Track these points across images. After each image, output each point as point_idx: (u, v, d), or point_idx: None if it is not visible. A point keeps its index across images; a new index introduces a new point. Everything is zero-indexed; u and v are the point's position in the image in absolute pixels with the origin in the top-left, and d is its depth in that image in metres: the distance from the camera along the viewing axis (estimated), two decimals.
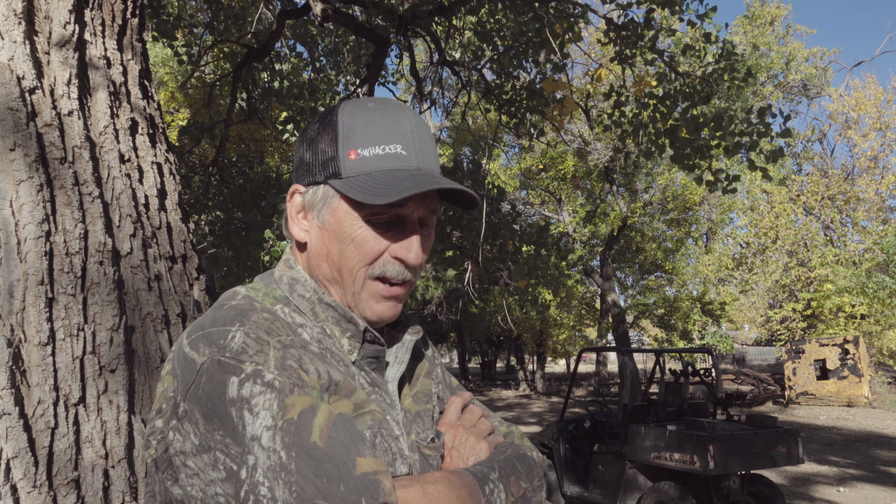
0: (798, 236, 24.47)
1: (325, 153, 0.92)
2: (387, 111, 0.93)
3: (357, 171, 0.90)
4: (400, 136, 0.91)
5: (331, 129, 0.92)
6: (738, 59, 5.11)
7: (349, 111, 0.92)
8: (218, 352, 0.81)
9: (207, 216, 5.87)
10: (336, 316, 0.95)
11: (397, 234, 0.92)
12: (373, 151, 0.90)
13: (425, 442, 1.00)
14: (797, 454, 6.52)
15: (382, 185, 0.87)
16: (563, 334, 26.42)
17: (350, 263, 0.91)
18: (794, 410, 18.09)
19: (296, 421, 0.76)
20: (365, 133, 0.90)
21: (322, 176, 0.92)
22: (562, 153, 19.33)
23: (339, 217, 0.91)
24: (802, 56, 26.54)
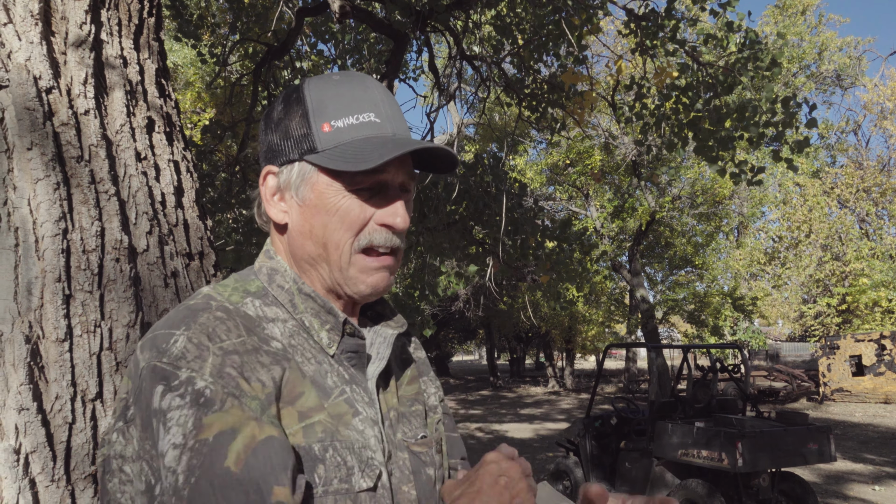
0: (832, 230, 24.01)
1: (296, 130, 0.90)
2: (354, 81, 0.92)
3: (333, 142, 0.88)
4: (371, 104, 0.91)
5: (299, 106, 0.91)
6: (762, 47, 5.00)
7: (316, 85, 0.91)
8: (156, 356, 0.79)
9: (231, 214, 5.94)
10: (315, 307, 0.92)
11: (381, 200, 0.91)
12: (347, 122, 0.89)
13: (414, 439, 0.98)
14: (829, 451, 6.40)
15: (363, 151, 0.86)
16: (592, 330, 26.26)
17: (336, 236, 0.89)
18: (829, 407, 17.76)
19: (210, 443, 0.72)
20: (336, 104, 0.89)
21: (296, 153, 0.90)
22: (589, 148, 19.18)
23: (320, 190, 0.89)
24: (836, 45, 25.99)
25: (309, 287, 0.93)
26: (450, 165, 0.95)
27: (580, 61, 5.55)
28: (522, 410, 19.70)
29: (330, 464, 0.83)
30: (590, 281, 15.38)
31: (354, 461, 0.85)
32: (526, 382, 31.85)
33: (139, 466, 0.77)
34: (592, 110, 12.55)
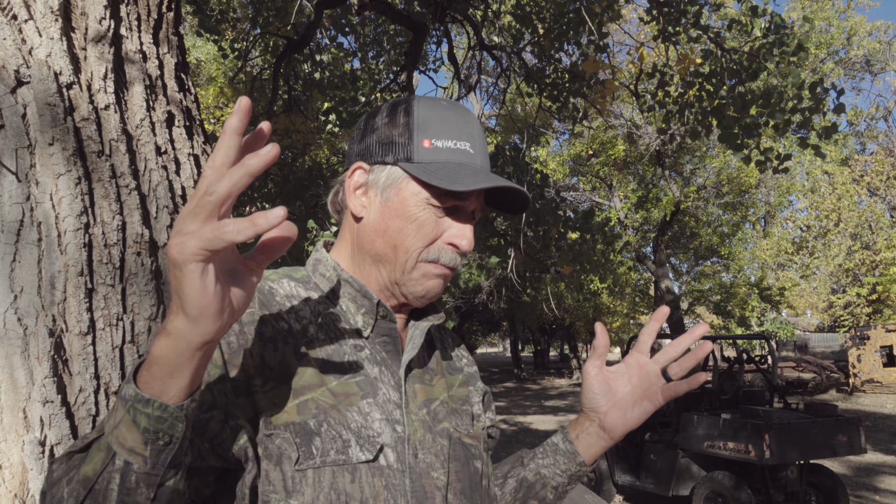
0: (862, 218, 23.58)
1: (397, 138, 0.97)
2: (459, 111, 1.00)
3: (429, 158, 0.95)
4: (469, 135, 0.98)
5: (405, 118, 0.97)
6: (788, 32, 4.90)
7: (425, 104, 0.98)
8: None
9: (253, 208, 5.97)
10: (352, 292, 0.99)
11: (453, 221, 0.98)
12: (445, 144, 0.96)
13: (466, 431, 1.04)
14: (859, 443, 6.30)
15: (457, 174, 0.92)
16: (617, 322, 26.11)
17: (408, 242, 0.96)
18: (859, 398, 17.49)
19: None
20: (439, 126, 0.97)
21: (392, 158, 0.96)
22: (612, 138, 19.02)
23: (405, 197, 0.95)
24: (865, 30, 25.44)
25: (347, 273, 1.00)
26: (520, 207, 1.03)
27: (601, 49, 5.48)
28: (547, 402, 19.66)
29: (326, 437, 0.87)
30: (613, 272, 15.28)
31: (351, 436, 0.88)
32: (550, 374, 31.78)
33: None
34: (614, 99, 12.41)
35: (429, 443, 0.96)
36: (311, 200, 5.58)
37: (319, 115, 7.22)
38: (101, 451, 0.71)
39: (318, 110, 7.53)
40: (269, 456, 0.85)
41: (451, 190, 0.91)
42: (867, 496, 7.65)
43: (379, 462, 0.89)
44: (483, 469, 1.05)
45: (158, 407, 0.69)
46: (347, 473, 0.86)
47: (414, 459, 0.93)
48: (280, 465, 0.85)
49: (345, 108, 6.23)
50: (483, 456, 1.06)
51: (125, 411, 0.69)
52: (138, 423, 0.69)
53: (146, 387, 0.70)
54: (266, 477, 0.85)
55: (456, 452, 1.00)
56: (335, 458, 0.86)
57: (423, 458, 0.94)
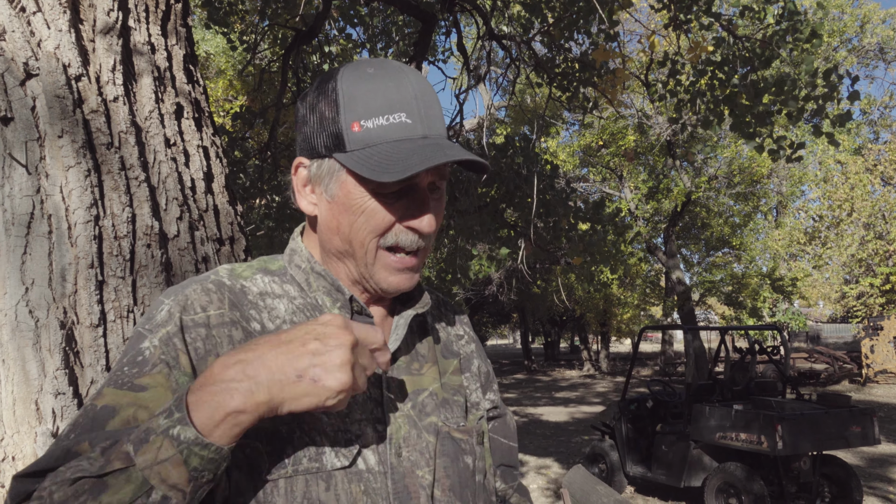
0: (875, 208, 23.36)
1: (327, 125, 0.89)
2: (388, 77, 0.89)
3: (361, 143, 0.87)
4: (403, 103, 0.88)
5: (331, 100, 0.89)
6: (801, 18, 4.84)
7: (349, 78, 0.89)
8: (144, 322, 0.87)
9: (263, 200, 5.97)
10: (326, 285, 0.95)
11: (408, 202, 0.90)
12: (376, 122, 0.87)
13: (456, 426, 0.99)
14: (873, 434, 6.26)
15: (389, 159, 0.84)
16: (628, 313, 26.04)
17: (361, 235, 0.90)
18: (872, 389, 17.39)
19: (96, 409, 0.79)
20: (367, 103, 0.87)
21: (326, 149, 0.90)
22: (622, 128, 18.92)
23: (348, 190, 0.89)
24: (878, 18, 25.14)
25: (320, 266, 0.96)
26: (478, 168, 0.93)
27: (612, 38, 5.43)
28: (557, 394, 19.66)
29: (298, 443, 0.84)
30: (624, 263, 15.21)
31: (325, 441, 0.85)
32: (560, 366, 31.77)
33: None
34: (625, 88, 12.33)
35: (413, 439, 0.93)
36: None
37: None
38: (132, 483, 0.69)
39: None
40: (238, 466, 0.82)
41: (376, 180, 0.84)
42: (881, 487, 7.60)
43: (357, 467, 0.86)
44: (476, 464, 1.00)
45: (215, 451, 0.71)
46: (322, 482, 0.83)
47: (397, 459, 0.90)
48: (250, 475, 0.82)
49: None
50: (476, 450, 1.01)
51: (176, 451, 0.69)
52: (189, 462, 0.70)
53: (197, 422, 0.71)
54: (237, 488, 0.82)
55: (444, 448, 0.95)
56: (308, 465, 0.83)
57: (406, 457, 0.91)
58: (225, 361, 0.73)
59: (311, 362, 0.73)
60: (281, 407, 0.73)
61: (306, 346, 0.73)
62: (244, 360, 0.73)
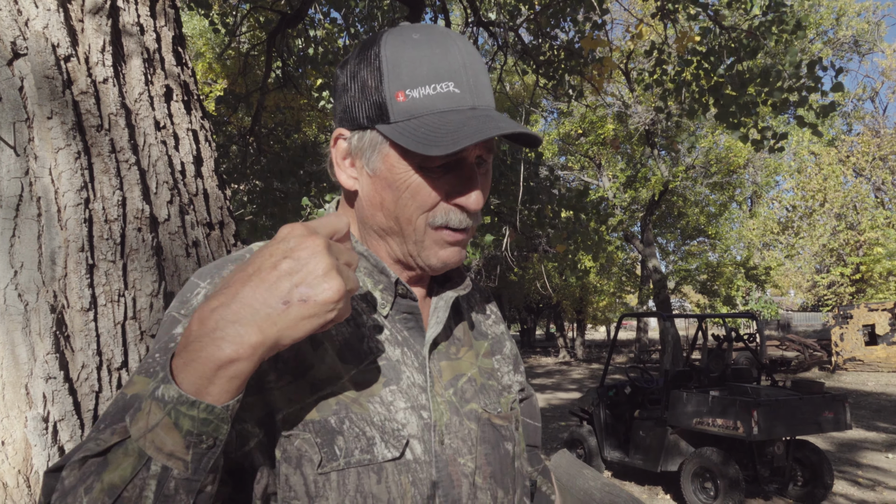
0: (847, 198, 23.78)
1: (369, 95, 0.84)
2: (435, 43, 0.84)
3: (407, 114, 0.82)
4: (451, 71, 0.83)
5: (374, 67, 0.83)
6: (787, 10, 4.89)
7: (393, 44, 0.83)
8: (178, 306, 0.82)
9: (246, 185, 5.92)
10: (369, 267, 0.90)
11: (455, 178, 0.85)
12: (423, 92, 0.81)
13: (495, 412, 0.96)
14: (844, 420, 6.40)
15: (437, 131, 0.79)
16: (604, 301, 26.27)
17: (408, 212, 0.85)
18: (841, 376, 17.76)
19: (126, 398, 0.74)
20: (413, 71, 0.82)
21: (368, 120, 0.84)
22: (601, 117, 19.00)
23: (391, 164, 0.84)
24: (854, 10, 25.47)
25: (362, 246, 0.90)
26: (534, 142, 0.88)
27: (599, 27, 5.44)
28: (534, 380, 19.81)
29: (349, 435, 0.80)
30: (605, 251, 15.33)
31: (375, 432, 0.81)
32: (537, 353, 32.00)
33: None
34: (611, 77, 12.36)
35: (455, 426, 0.89)
36: (306, 177, 5.53)
37: (313, 91, 7.14)
38: (130, 457, 0.64)
39: (311, 86, 7.44)
40: (287, 459, 0.78)
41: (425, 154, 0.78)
42: (850, 471, 7.79)
43: (405, 457, 0.82)
44: (515, 450, 0.97)
45: (205, 409, 0.64)
46: (373, 474, 0.80)
47: (440, 447, 0.86)
48: (300, 468, 0.78)
49: None
50: (515, 436, 0.98)
51: (164, 413, 0.64)
52: (180, 425, 0.64)
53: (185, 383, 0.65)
54: (286, 482, 0.78)
55: (486, 435, 0.92)
56: (360, 458, 0.79)
57: (449, 444, 0.87)
58: (201, 313, 0.66)
59: (291, 283, 0.66)
60: (280, 341, 0.66)
61: (278, 269, 0.66)
62: (220, 304, 0.66)
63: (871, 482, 7.31)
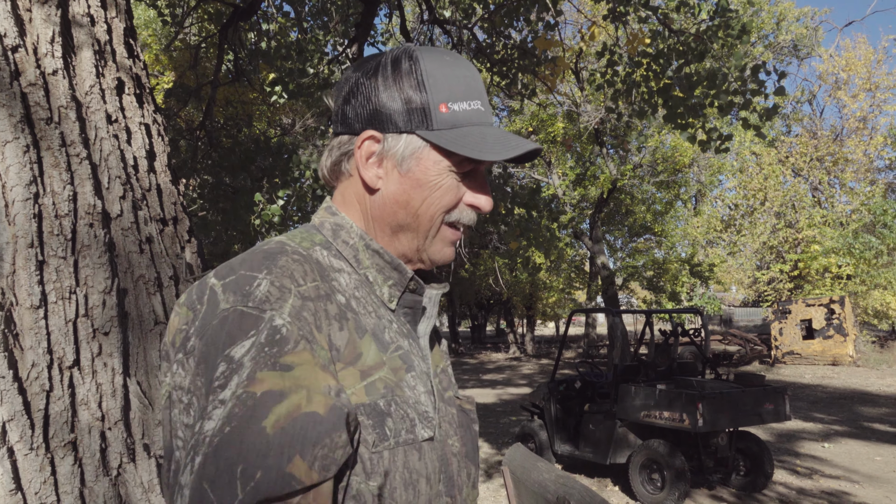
0: (786, 198, 24.58)
1: (410, 102, 0.93)
2: (463, 65, 0.97)
3: (448, 124, 0.92)
4: (478, 91, 0.96)
5: (415, 79, 0.93)
6: (733, 15, 5.04)
7: (431, 61, 0.94)
8: (242, 300, 0.79)
9: (195, 180, 5.80)
10: (381, 263, 0.96)
11: (472, 183, 0.97)
12: (461, 106, 0.93)
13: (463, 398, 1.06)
14: (784, 411, 6.64)
15: (484, 141, 0.92)
16: (553, 297, 26.60)
17: (432, 210, 0.94)
18: (780, 369, 18.38)
19: (257, 397, 0.73)
20: (451, 86, 0.93)
21: (407, 125, 0.93)
22: (552, 116, 19.21)
23: (427, 166, 0.93)
24: (793, 16, 26.33)
25: (377, 244, 0.97)
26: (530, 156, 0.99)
27: (551, 27, 5.51)
28: (485, 376, 19.94)
29: (396, 416, 0.86)
30: (557, 247, 15.53)
31: (414, 414, 0.89)
32: (487, 349, 32.21)
33: (189, 399, 0.78)
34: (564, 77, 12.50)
35: (443, 411, 0.98)
36: (257, 173, 5.45)
37: (265, 85, 7.04)
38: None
39: (263, 81, 7.33)
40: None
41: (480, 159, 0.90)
42: (789, 460, 8.08)
43: (436, 438, 0.91)
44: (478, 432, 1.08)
45: None
46: (415, 452, 0.87)
47: (439, 429, 0.95)
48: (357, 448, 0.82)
49: (292, 80, 6.09)
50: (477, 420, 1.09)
51: None
52: None
53: None
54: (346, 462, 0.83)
55: (461, 419, 1.03)
56: (406, 437, 0.86)
57: (443, 427, 0.96)
58: None
59: None
60: None
61: None
62: None
63: (808, 471, 7.60)
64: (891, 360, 18.82)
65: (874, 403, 12.39)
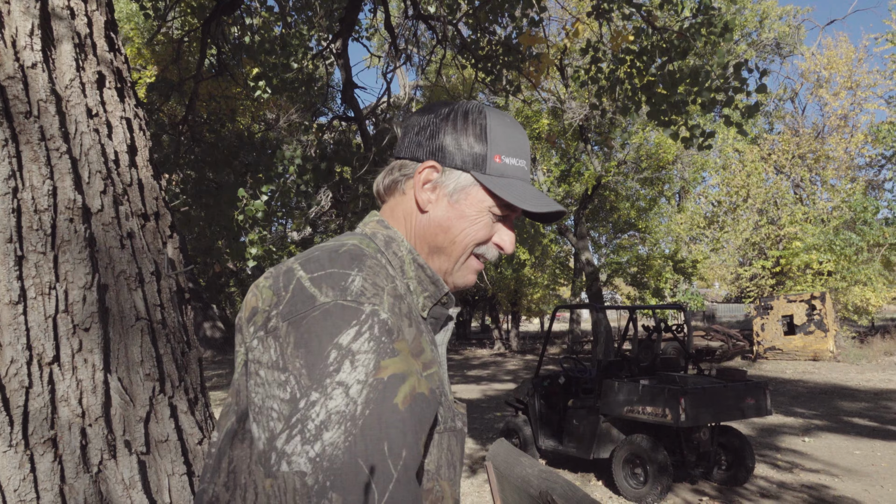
0: (768, 195, 24.80)
1: (472, 147, 1.08)
2: (519, 129, 1.14)
3: (499, 172, 1.09)
4: (526, 153, 1.14)
5: (480, 130, 1.09)
6: (716, 13, 5.07)
7: (496, 119, 1.10)
8: (340, 295, 0.90)
9: (178, 175, 5.74)
10: (423, 276, 1.08)
11: (502, 226, 1.13)
12: (511, 161, 1.10)
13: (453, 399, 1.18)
14: (765, 406, 6.70)
15: (525, 193, 1.09)
16: (538, 293, 26.65)
17: (467, 240, 1.09)
18: (762, 365, 18.55)
19: (384, 381, 0.85)
20: (507, 143, 1.10)
21: (465, 164, 1.08)
22: (536, 112, 19.24)
23: (472, 202, 1.08)
24: (776, 14, 26.53)
25: (423, 259, 1.10)
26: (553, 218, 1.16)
27: (536, 23, 5.51)
28: (469, 372, 19.97)
29: (445, 406, 1.01)
30: (541, 244, 15.58)
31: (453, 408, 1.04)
32: (472, 345, 32.25)
33: (283, 377, 0.87)
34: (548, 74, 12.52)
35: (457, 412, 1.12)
36: (241, 168, 5.40)
37: (249, 80, 6.98)
38: None
39: (247, 75, 7.27)
40: None
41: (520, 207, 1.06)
42: (770, 454, 8.17)
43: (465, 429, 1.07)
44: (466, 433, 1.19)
45: None
46: (454, 438, 1.02)
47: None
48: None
49: (275, 75, 6.04)
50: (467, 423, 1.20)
51: None
52: None
53: None
54: None
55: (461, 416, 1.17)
56: (451, 425, 1.01)
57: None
58: None
59: None
60: None
61: None
62: None
63: (789, 465, 7.69)
64: (870, 355, 19.07)
65: (854, 398, 12.55)
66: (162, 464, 1.90)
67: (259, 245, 5.75)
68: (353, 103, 6.99)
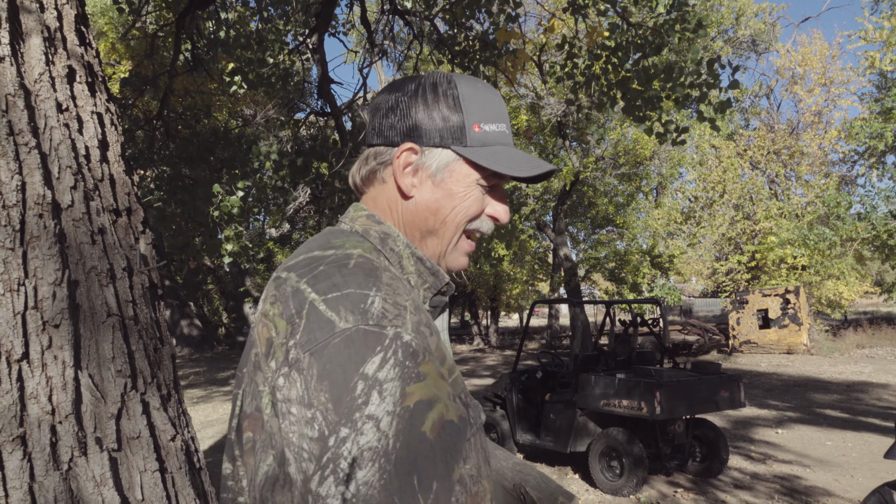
0: (744, 190, 25.08)
1: (447, 120, 1.03)
2: (493, 92, 1.08)
3: (479, 142, 1.03)
4: (503, 116, 1.07)
5: (453, 100, 1.03)
6: (689, 10, 5.12)
7: (467, 86, 1.05)
8: (362, 319, 0.84)
9: (153, 171, 5.68)
10: (422, 269, 1.04)
11: (493, 195, 1.08)
12: (490, 128, 1.04)
13: None
14: (739, 399, 6.80)
15: (513, 159, 1.03)
16: (517, 289, 26.74)
17: (458, 218, 1.04)
18: (738, 358, 18.80)
19: (410, 409, 0.80)
20: (483, 109, 1.04)
21: (443, 140, 1.03)
22: (514, 108, 19.29)
23: (457, 178, 1.03)
24: (752, 11, 26.81)
25: (420, 251, 1.05)
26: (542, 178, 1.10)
27: (512, 19, 5.53)
28: None
29: (471, 405, 0.95)
30: (518, 238, 15.62)
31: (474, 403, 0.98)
32: (452, 340, 32.30)
33: (310, 414, 0.81)
34: (524, 69, 12.55)
35: None
36: (217, 164, 5.36)
37: (224, 75, 6.92)
38: None
39: (222, 70, 7.20)
40: None
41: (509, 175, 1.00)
42: (744, 446, 8.29)
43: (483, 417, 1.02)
44: None
45: None
46: (481, 433, 0.96)
47: None
48: None
49: (251, 70, 6.00)
50: None
51: None
52: None
53: None
54: None
55: None
56: (479, 422, 0.96)
57: None
58: None
59: None
60: None
61: None
62: None
63: (762, 456, 7.81)
64: (843, 348, 19.40)
65: (826, 390, 12.76)
66: (134, 461, 1.90)
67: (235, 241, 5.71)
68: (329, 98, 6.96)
